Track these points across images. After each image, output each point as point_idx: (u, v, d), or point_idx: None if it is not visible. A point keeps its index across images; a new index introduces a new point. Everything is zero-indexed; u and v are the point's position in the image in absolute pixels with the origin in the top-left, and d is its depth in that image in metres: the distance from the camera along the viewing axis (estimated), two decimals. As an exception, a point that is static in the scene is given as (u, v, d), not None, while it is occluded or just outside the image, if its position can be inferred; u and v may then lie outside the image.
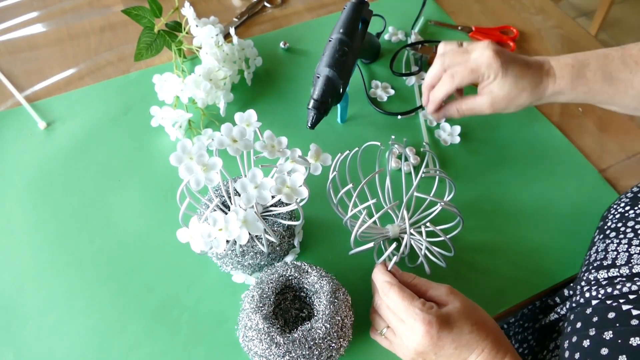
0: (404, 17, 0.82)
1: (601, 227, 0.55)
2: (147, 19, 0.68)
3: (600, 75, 0.54)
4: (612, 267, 0.48)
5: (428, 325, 0.42)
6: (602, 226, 0.55)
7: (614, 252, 0.49)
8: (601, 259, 0.50)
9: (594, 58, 0.55)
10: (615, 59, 0.54)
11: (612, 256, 0.49)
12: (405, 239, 0.50)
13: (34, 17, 0.79)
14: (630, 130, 0.72)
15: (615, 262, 0.48)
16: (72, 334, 0.51)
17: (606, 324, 0.43)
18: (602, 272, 0.48)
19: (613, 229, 0.53)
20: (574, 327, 0.46)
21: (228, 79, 0.67)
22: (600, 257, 0.50)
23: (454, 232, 0.55)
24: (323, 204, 0.58)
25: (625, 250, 0.49)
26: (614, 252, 0.50)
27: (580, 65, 0.55)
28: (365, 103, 0.71)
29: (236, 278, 0.55)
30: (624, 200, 0.55)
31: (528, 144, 0.69)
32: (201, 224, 0.44)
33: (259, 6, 0.83)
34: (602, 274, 0.48)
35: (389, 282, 0.47)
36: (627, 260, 0.47)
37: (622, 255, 0.48)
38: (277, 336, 0.44)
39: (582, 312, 0.47)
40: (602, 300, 0.46)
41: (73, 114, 0.68)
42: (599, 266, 0.50)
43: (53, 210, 0.59)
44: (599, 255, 0.51)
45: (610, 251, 0.50)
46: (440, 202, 0.52)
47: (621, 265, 0.47)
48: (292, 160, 0.48)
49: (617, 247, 0.50)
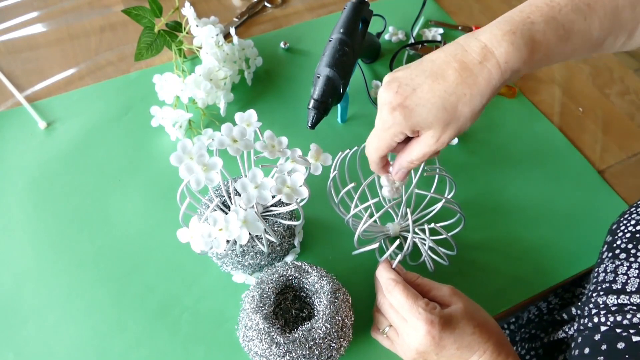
0: (404, 17, 0.82)
1: (610, 244, 0.53)
2: (148, 18, 0.68)
3: (552, 32, 0.41)
4: (622, 293, 0.46)
5: (430, 325, 0.42)
6: (612, 243, 0.52)
7: (624, 276, 0.47)
8: (610, 282, 0.48)
9: (536, 12, 0.41)
10: (563, 6, 0.41)
11: (622, 280, 0.47)
12: (409, 238, 0.50)
13: (34, 17, 0.79)
14: (630, 130, 0.72)
15: (625, 288, 0.46)
16: (72, 334, 0.51)
17: (616, 355, 0.42)
18: (612, 297, 0.47)
19: (623, 249, 0.50)
20: (582, 352, 0.45)
21: (228, 79, 0.67)
22: (609, 279, 0.49)
23: (456, 230, 0.55)
24: (323, 204, 0.58)
25: (636, 275, 0.47)
26: (624, 275, 0.48)
27: (522, 28, 0.40)
28: (366, 103, 0.71)
29: (236, 278, 0.55)
30: (635, 217, 0.52)
31: (528, 144, 0.69)
32: (201, 224, 0.44)
33: (259, 6, 0.83)
34: (611, 299, 0.47)
35: (393, 279, 0.46)
36: (637, 288, 0.46)
37: (633, 282, 0.46)
38: (278, 336, 0.44)
39: (591, 337, 0.46)
40: (611, 327, 0.45)
41: (73, 114, 0.68)
42: (608, 289, 0.48)
43: (53, 210, 0.59)
44: (607, 277, 0.49)
45: (620, 274, 0.48)
46: (442, 199, 0.52)
47: (632, 293, 0.46)
48: (293, 160, 0.48)
49: (627, 270, 0.48)
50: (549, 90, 0.75)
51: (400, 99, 0.41)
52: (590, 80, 0.77)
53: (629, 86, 0.77)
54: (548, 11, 0.41)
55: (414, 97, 0.41)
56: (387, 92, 0.42)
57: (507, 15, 0.42)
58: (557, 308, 0.64)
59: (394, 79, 0.43)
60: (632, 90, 0.76)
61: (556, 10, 0.41)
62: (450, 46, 0.42)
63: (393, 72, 0.44)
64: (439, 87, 0.40)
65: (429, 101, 0.41)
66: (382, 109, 0.43)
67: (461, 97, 0.40)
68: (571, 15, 0.41)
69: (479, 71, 0.40)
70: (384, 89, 0.43)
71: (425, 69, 0.42)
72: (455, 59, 0.41)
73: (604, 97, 0.75)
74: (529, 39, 0.40)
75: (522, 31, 0.40)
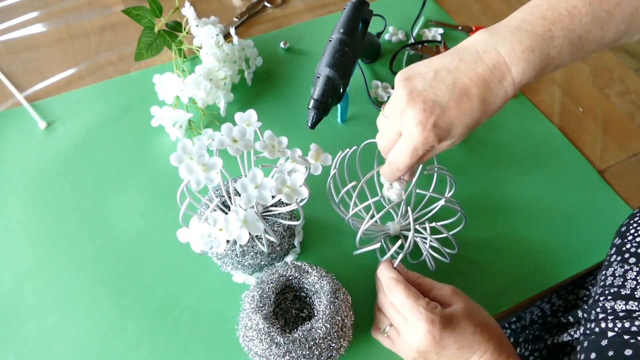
0: (404, 17, 0.82)
1: (619, 247, 0.52)
2: (148, 18, 0.68)
3: (568, 45, 0.42)
4: (631, 299, 0.46)
5: (431, 324, 0.42)
6: (621, 246, 0.52)
7: (633, 282, 0.47)
8: (619, 286, 0.48)
9: (558, 24, 0.41)
10: (584, 15, 0.41)
11: (631, 285, 0.47)
12: (410, 236, 0.50)
13: (34, 17, 0.79)
14: (630, 130, 0.72)
15: (634, 294, 0.46)
16: (72, 334, 0.51)
17: None
18: (620, 302, 0.46)
19: (633, 254, 0.49)
20: (587, 357, 0.45)
21: (228, 79, 0.67)
22: (617, 284, 0.48)
23: (457, 229, 0.55)
24: (323, 204, 0.58)
25: None
26: (633, 281, 0.47)
27: (542, 44, 0.41)
28: (366, 103, 0.71)
29: (236, 278, 0.55)
30: None
31: (528, 144, 0.69)
32: (201, 224, 0.44)
33: (259, 6, 0.83)
34: (619, 305, 0.46)
35: (394, 278, 0.46)
36: None
37: None
38: (278, 336, 0.44)
39: (597, 342, 0.45)
40: (619, 334, 0.44)
41: (73, 114, 0.68)
42: (616, 294, 0.48)
43: (53, 210, 0.59)
44: (616, 281, 0.49)
45: (629, 279, 0.48)
46: (442, 198, 0.52)
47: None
48: (293, 160, 0.48)
49: (636, 276, 0.47)
50: (549, 90, 0.75)
51: (433, 119, 0.41)
52: (590, 80, 0.77)
53: (629, 86, 0.77)
54: (569, 22, 0.41)
55: (446, 118, 0.42)
56: (413, 109, 0.42)
57: (529, 21, 0.42)
58: (561, 310, 0.64)
59: (415, 91, 0.42)
60: (632, 90, 0.76)
61: (576, 20, 0.41)
62: (467, 54, 0.42)
63: (408, 80, 0.43)
64: (466, 107, 0.42)
65: (460, 122, 0.42)
66: (412, 127, 0.42)
67: (483, 115, 0.43)
68: (589, 25, 0.41)
69: (498, 90, 0.42)
70: (409, 104, 0.42)
71: (445, 80, 0.42)
72: (476, 74, 0.41)
73: (604, 97, 0.75)
74: (545, 56, 0.41)
75: (541, 48, 0.41)
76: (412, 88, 0.43)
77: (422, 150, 0.44)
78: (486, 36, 0.43)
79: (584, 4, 0.41)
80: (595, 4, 0.41)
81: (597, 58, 0.80)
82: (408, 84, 0.43)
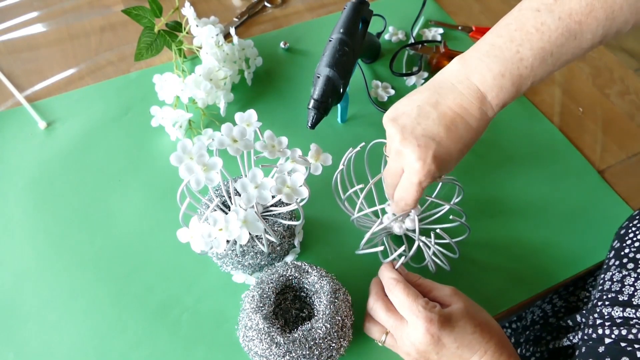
0: (404, 17, 0.82)
1: (617, 251, 0.52)
2: (148, 18, 0.68)
3: (540, 62, 0.42)
4: (628, 306, 0.46)
5: (429, 323, 0.42)
6: (619, 250, 0.52)
7: (630, 288, 0.47)
8: (616, 292, 0.48)
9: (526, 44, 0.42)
10: (553, 31, 0.41)
11: (629, 292, 0.47)
12: (415, 243, 0.50)
13: (34, 17, 0.79)
14: (630, 130, 0.72)
15: (631, 301, 0.46)
16: (73, 333, 0.51)
17: None
18: (617, 309, 0.46)
19: (632, 259, 0.49)
20: None
21: (228, 79, 0.67)
22: (615, 289, 0.48)
23: (460, 238, 0.54)
24: (324, 204, 0.58)
25: None
26: (630, 287, 0.47)
27: (511, 67, 0.43)
28: (366, 103, 0.71)
29: (236, 278, 0.55)
30: None
31: (528, 144, 0.69)
32: (201, 224, 0.44)
33: (259, 6, 0.83)
34: (617, 312, 0.46)
35: (395, 278, 0.47)
36: None
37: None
38: (278, 336, 0.44)
39: (595, 348, 0.45)
40: (616, 341, 0.44)
41: (73, 113, 0.68)
42: (613, 300, 0.48)
43: (53, 210, 0.59)
44: (614, 286, 0.49)
45: (627, 285, 0.48)
46: (448, 205, 0.52)
47: (638, 306, 0.45)
48: (293, 160, 0.48)
49: (634, 282, 0.47)
50: (549, 90, 0.75)
51: (431, 152, 0.43)
52: (590, 80, 0.77)
53: (629, 86, 0.77)
54: (538, 40, 0.42)
55: (442, 149, 0.44)
56: (408, 148, 0.44)
57: (498, 45, 0.43)
58: (562, 311, 0.63)
59: (404, 129, 0.44)
60: (632, 90, 0.76)
61: (546, 37, 0.42)
62: (444, 87, 0.45)
63: (394, 121, 0.45)
64: (455, 135, 0.44)
65: (455, 149, 0.44)
66: (414, 163, 0.44)
67: (473, 139, 0.45)
68: (561, 39, 0.42)
69: (480, 115, 0.44)
70: (403, 143, 0.44)
71: (429, 115, 0.44)
72: (455, 105, 0.44)
73: (604, 97, 0.75)
74: (517, 77, 0.43)
75: (510, 71, 0.43)
76: (401, 127, 0.44)
77: (426, 183, 0.45)
78: (458, 67, 0.45)
79: (552, 20, 0.41)
80: (565, 18, 0.41)
81: (597, 58, 0.80)
82: (396, 124, 0.45)
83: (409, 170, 0.45)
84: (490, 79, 0.43)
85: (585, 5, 0.41)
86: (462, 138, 0.44)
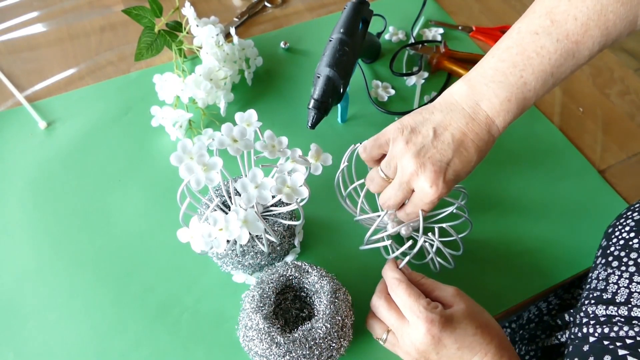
0: (404, 17, 0.82)
1: (604, 249, 0.52)
2: (148, 18, 0.68)
3: (541, 84, 0.45)
4: (612, 304, 0.46)
5: (430, 324, 0.42)
6: (605, 249, 0.52)
7: (614, 286, 0.47)
8: (601, 290, 0.48)
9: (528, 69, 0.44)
10: (553, 53, 0.44)
11: (613, 290, 0.47)
12: (419, 242, 0.50)
13: (34, 17, 0.79)
14: (631, 130, 0.72)
15: (615, 299, 0.47)
16: (73, 333, 0.51)
17: None
18: (601, 307, 0.47)
19: (616, 257, 0.50)
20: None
21: (228, 79, 0.67)
22: (600, 288, 0.49)
23: (463, 234, 0.55)
24: (324, 204, 0.58)
25: (625, 286, 0.47)
26: (614, 285, 0.48)
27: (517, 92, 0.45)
28: (366, 103, 0.71)
29: (236, 278, 0.55)
30: (629, 223, 0.52)
31: (528, 144, 0.69)
32: (201, 223, 0.44)
33: (259, 6, 0.83)
34: (600, 310, 0.47)
35: (397, 278, 0.47)
36: (626, 299, 0.46)
37: (623, 292, 0.46)
38: (278, 336, 0.44)
39: (580, 347, 0.46)
40: (599, 339, 0.45)
41: (73, 113, 0.68)
42: (598, 298, 0.48)
43: (53, 210, 0.59)
44: (599, 285, 0.49)
45: (611, 283, 0.48)
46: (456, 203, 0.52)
47: (620, 304, 0.46)
48: (293, 160, 0.48)
49: (618, 280, 0.48)
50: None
51: (443, 176, 0.45)
52: (590, 80, 0.77)
53: (629, 86, 0.77)
54: (539, 64, 0.44)
55: (452, 172, 0.46)
56: (425, 174, 0.45)
57: (502, 70, 0.45)
58: (555, 309, 0.64)
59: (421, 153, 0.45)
60: (632, 90, 0.76)
61: (546, 60, 0.44)
62: (456, 111, 0.47)
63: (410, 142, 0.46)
64: (465, 158, 0.46)
65: (463, 170, 0.47)
66: (427, 189, 0.45)
67: (479, 159, 0.47)
68: (560, 60, 0.44)
69: (488, 138, 0.47)
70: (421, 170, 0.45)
71: (444, 139, 0.46)
72: (467, 129, 0.46)
73: (604, 97, 0.75)
74: (522, 100, 0.45)
75: (516, 96, 0.45)
76: (418, 149, 0.46)
77: (436, 203, 0.47)
78: (467, 91, 0.47)
79: (551, 42, 0.44)
80: (562, 39, 0.43)
81: (597, 58, 0.80)
82: (411, 144, 0.46)
83: (421, 192, 0.46)
84: (497, 104, 0.45)
85: (581, 26, 0.43)
86: (471, 160, 0.47)
